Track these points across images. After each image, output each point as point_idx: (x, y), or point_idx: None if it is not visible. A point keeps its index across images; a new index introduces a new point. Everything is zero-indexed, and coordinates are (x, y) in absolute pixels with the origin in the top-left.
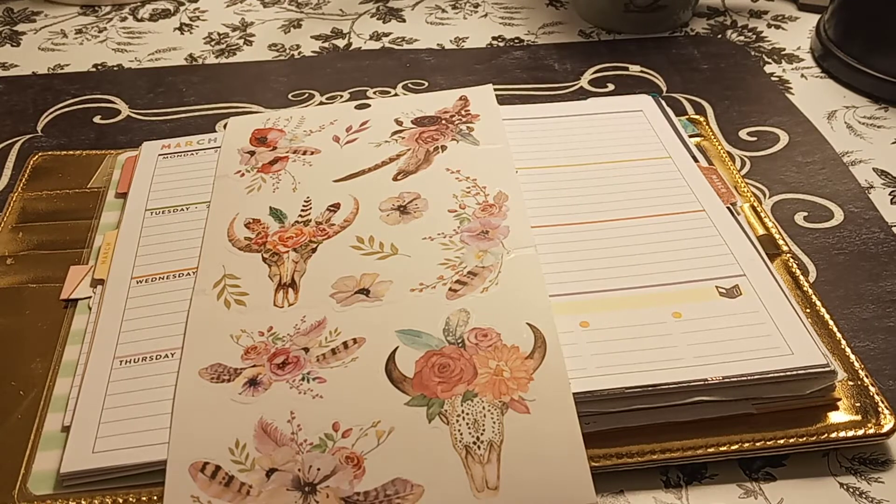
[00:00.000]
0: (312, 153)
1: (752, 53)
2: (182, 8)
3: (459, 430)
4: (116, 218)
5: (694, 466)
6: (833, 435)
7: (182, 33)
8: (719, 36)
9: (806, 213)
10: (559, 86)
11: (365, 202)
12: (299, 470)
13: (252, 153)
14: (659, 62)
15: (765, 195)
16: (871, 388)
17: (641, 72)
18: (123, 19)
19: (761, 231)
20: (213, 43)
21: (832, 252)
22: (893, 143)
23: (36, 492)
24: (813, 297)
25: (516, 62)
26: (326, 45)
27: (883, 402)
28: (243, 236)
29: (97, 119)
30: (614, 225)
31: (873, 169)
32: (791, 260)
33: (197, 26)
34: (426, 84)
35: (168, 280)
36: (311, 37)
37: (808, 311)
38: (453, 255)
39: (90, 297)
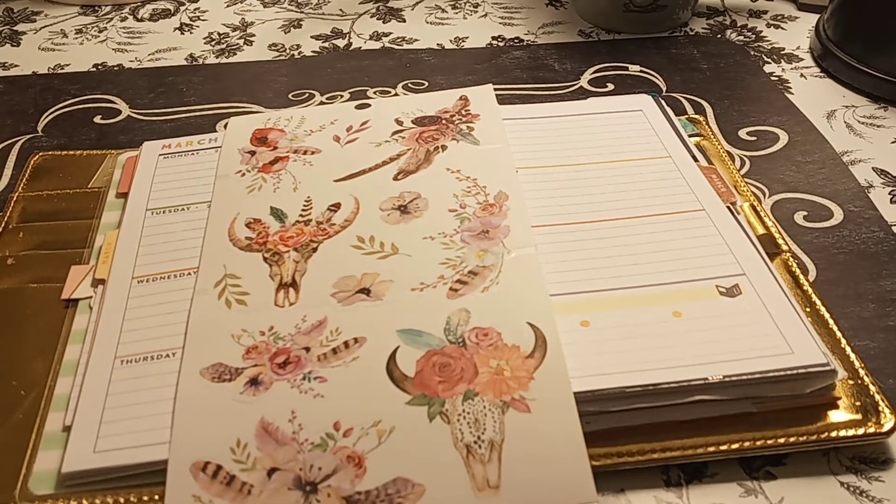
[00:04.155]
0: (313, 153)
1: (752, 53)
2: (182, 8)
3: (460, 430)
4: (117, 218)
5: (695, 465)
6: (833, 434)
7: (182, 33)
8: (719, 36)
9: (806, 213)
10: (559, 85)
11: (365, 202)
12: (300, 469)
13: (253, 153)
14: (658, 62)
15: (764, 194)
16: (871, 386)
17: (641, 71)
18: (123, 19)
19: (761, 230)
20: (213, 43)
21: (832, 251)
22: (893, 142)
23: (37, 491)
24: (813, 296)
25: (516, 62)
26: (326, 44)
27: (883, 401)
28: (244, 236)
29: (98, 119)
30: (614, 224)
31: (873, 168)
32: (791, 259)
33: (197, 26)
34: (426, 84)
35: (169, 280)
36: (312, 37)
37: (808, 310)
38: (454, 254)
39: (91, 297)
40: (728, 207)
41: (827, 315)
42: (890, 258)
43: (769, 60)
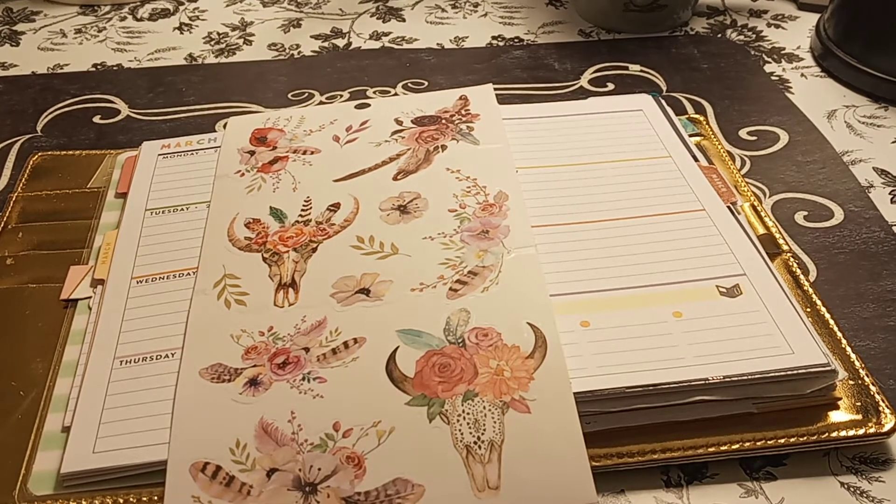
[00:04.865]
0: (312, 153)
1: (752, 53)
2: (181, 7)
3: (460, 430)
4: (116, 218)
5: (695, 466)
6: (834, 434)
7: (181, 33)
8: (719, 35)
9: (806, 213)
10: (559, 85)
11: (365, 202)
12: (300, 470)
13: (252, 153)
14: (659, 61)
15: (765, 194)
16: (871, 387)
17: (641, 71)
18: (123, 19)
19: (761, 230)
20: (212, 42)
21: (832, 251)
22: (893, 142)
23: (36, 492)
24: (813, 296)
25: (516, 62)
26: (326, 44)
27: (883, 402)
28: (243, 236)
29: (97, 119)
30: (615, 224)
31: (873, 168)
32: (791, 259)
33: (196, 26)
34: (426, 84)
35: (168, 280)
36: (311, 36)
37: (808, 310)
38: (454, 254)
39: (90, 297)
40: (728, 207)
41: (827, 315)
42: (890, 258)
43: (770, 60)
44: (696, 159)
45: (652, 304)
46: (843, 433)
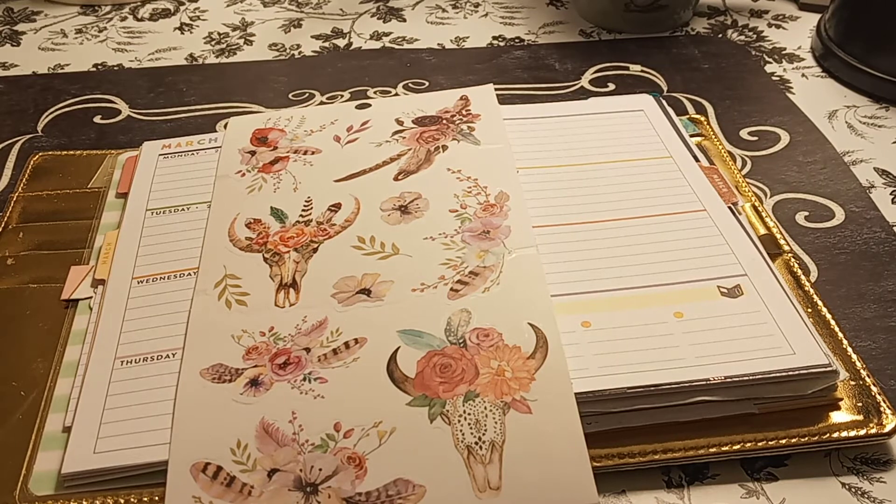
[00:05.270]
0: (313, 153)
1: (753, 53)
2: (182, 7)
3: (461, 431)
4: (117, 218)
5: (696, 466)
6: (835, 435)
7: (182, 33)
8: (720, 35)
9: (807, 213)
10: (560, 85)
11: (366, 202)
12: (301, 470)
13: (253, 153)
14: (660, 62)
15: (766, 195)
16: (872, 387)
17: (642, 71)
18: (123, 19)
19: (762, 231)
20: (213, 43)
21: (833, 252)
22: (894, 142)
23: (37, 492)
24: (814, 296)
25: (517, 62)
26: (327, 44)
27: (885, 402)
28: (244, 236)
29: (97, 119)
30: (616, 225)
31: (874, 168)
32: (792, 260)
33: (197, 26)
34: (427, 84)
35: (169, 280)
36: (312, 36)
37: (809, 310)
38: (454, 254)
39: (91, 298)
40: (729, 208)
41: (828, 316)
42: (891, 259)
43: (770, 60)
44: (696, 159)
45: (653, 304)
46: (844, 434)
